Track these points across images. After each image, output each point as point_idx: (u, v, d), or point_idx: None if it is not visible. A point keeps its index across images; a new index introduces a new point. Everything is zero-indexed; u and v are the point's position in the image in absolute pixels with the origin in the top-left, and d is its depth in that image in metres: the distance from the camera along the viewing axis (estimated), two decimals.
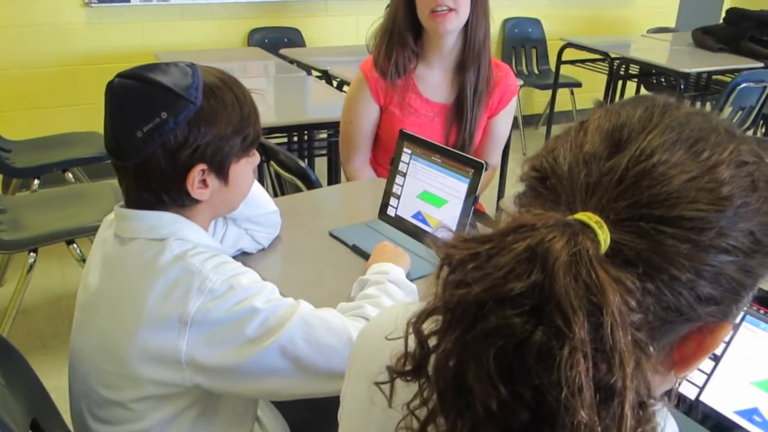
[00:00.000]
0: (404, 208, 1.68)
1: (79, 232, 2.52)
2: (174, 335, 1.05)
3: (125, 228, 1.14)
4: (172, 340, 1.05)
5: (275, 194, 2.34)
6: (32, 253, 2.53)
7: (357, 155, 2.25)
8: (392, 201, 1.71)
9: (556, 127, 4.99)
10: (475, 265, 0.53)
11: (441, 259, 0.56)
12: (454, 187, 1.55)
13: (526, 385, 0.50)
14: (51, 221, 2.59)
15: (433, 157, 1.61)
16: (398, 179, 1.69)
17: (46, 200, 2.82)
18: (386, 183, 1.73)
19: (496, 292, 0.51)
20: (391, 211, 1.72)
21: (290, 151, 2.45)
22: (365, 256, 1.51)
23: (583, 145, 0.60)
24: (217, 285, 1.06)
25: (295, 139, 3.48)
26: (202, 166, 1.10)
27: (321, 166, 3.62)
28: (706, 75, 4.56)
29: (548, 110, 5.09)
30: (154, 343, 1.06)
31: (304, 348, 1.07)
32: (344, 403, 0.82)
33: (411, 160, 1.66)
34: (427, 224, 1.62)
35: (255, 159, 1.22)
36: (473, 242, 0.55)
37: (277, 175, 2.25)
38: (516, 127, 5.07)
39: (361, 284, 1.32)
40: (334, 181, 3.17)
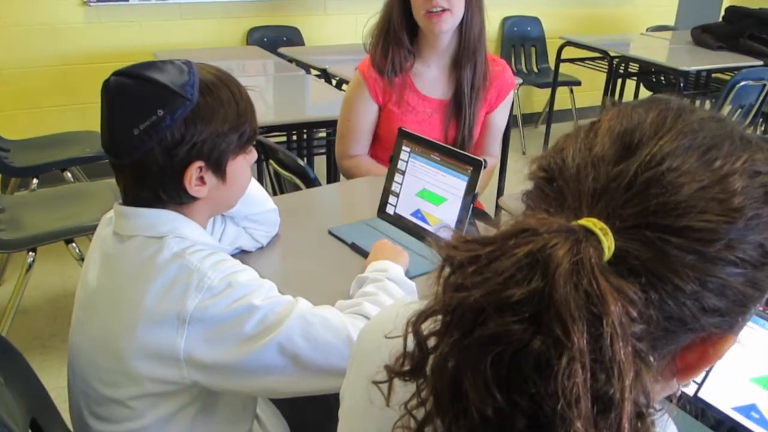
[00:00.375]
0: (403, 206, 1.68)
1: (78, 231, 2.51)
2: (172, 333, 1.05)
3: (124, 226, 1.14)
4: (171, 338, 1.05)
5: (274, 193, 2.34)
6: (31, 253, 2.53)
7: (355, 149, 2.25)
8: (391, 199, 1.71)
9: (555, 126, 4.99)
10: (475, 269, 0.52)
11: (442, 259, 0.55)
12: (453, 185, 1.55)
13: (522, 393, 0.49)
14: (50, 220, 2.59)
15: (432, 155, 1.61)
16: (397, 177, 1.69)
17: (44, 199, 2.82)
18: (385, 181, 1.73)
19: (496, 298, 0.50)
20: (390, 209, 1.71)
21: (289, 150, 2.45)
22: (364, 254, 1.51)
23: (592, 146, 0.59)
24: (216, 282, 1.06)
25: (294, 138, 3.48)
26: (199, 164, 1.10)
27: (320, 164, 3.62)
28: (705, 73, 4.57)
29: (548, 109, 5.09)
30: (153, 340, 1.06)
31: (303, 345, 1.07)
32: (344, 401, 0.81)
33: (410, 158, 1.66)
34: (426, 222, 1.62)
35: (252, 156, 1.22)
36: (475, 244, 0.54)
37: (276, 173, 2.25)
38: (516, 126, 5.07)
39: (360, 282, 1.32)
40: (333, 179, 3.17)
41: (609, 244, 0.52)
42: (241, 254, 1.52)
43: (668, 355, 0.57)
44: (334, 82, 3.62)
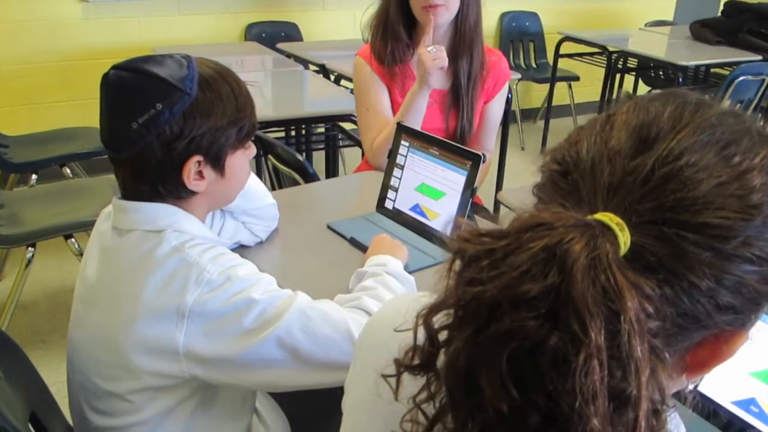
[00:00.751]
0: (402, 201, 1.68)
1: (78, 226, 2.52)
2: (171, 326, 1.05)
3: (123, 220, 1.14)
4: (170, 332, 1.05)
5: (273, 188, 2.34)
6: (30, 248, 2.53)
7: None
8: (390, 194, 1.71)
9: (554, 121, 4.98)
10: (489, 263, 0.51)
11: (453, 252, 0.54)
12: (452, 179, 1.55)
13: (538, 390, 0.48)
14: (49, 216, 2.59)
15: (430, 150, 1.61)
16: (396, 172, 1.69)
17: (43, 195, 2.82)
18: (384, 176, 1.73)
19: (511, 293, 0.49)
20: (389, 204, 1.72)
21: (288, 146, 2.44)
22: (363, 249, 1.51)
23: (608, 140, 0.58)
24: (215, 276, 1.06)
25: (293, 133, 3.48)
26: (197, 158, 1.10)
27: (319, 160, 3.62)
28: (704, 68, 4.57)
29: (546, 104, 5.09)
30: (152, 334, 1.06)
31: (302, 339, 1.07)
32: (349, 393, 0.81)
33: (409, 153, 1.66)
34: (425, 217, 1.62)
35: (251, 151, 1.22)
36: (488, 237, 0.53)
37: (275, 169, 2.25)
38: (514, 121, 5.06)
39: (359, 276, 1.32)
40: (332, 175, 3.17)
41: (625, 239, 0.51)
42: (240, 249, 1.52)
43: (680, 351, 0.57)
44: (332, 77, 3.62)
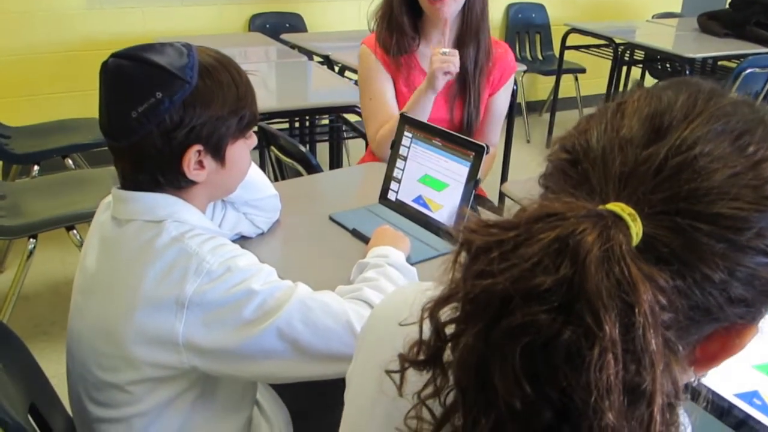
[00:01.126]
0: (405, 192, 1.67)
1: (79, 218, 2.51)
2: (171, 317, 1.04)
3: (122, 210, 1.13)
4: (169, 322, 1.04)
5: (276, 179, 2.33)
6: (32, 239, 2.52)
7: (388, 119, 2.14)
8: (393, 185, 1.70)
9: (560, 114, 4.95)
10: (499, 254, 0.50)
11: (459, 244, 0.53)
12: (455, 170, 1.54)
13: (552, 385, 0.47)
14: (51, 207, 2.58)
15: (433, 141, 1.59)
16: (399, 163, 1.68)
17: (46, 186, 2.81)
18: (387, 167, 1.71)
19: (523, 285, 0.48)
20: (391, 195, 1.70)
21: (292, 137, 2.43)
22: (365, 240, 1.50)
23: (619, 128, 0.56)
24: (215, 267, 1.05)
25: (297, 125, 3.46)
26: (197, 147, 1.09)
27: (323, 152, 3.61)
28: (711, 60, 4.53)
29: (552, 96, 5.06)
30: (151, 324, 1.05)
31: (302, 330, 1.06)
32: (350, 385, 0.80)
33: (411, 144, 1.64)
34: (428, 208, 1.60)
35: (252, 141, 1.21)
36: (496, 228, 0.52)
37: (278, 160, 2.23)
38: (519, 114, 5.04)
39: (361, 268, 1.31)
40: (335, 166, 3.16)
41: (637, 230, 0.50)
42: (241, 240, 1.51)
43: (690, 345, 0.55)
44: (336, 68, 3.60)
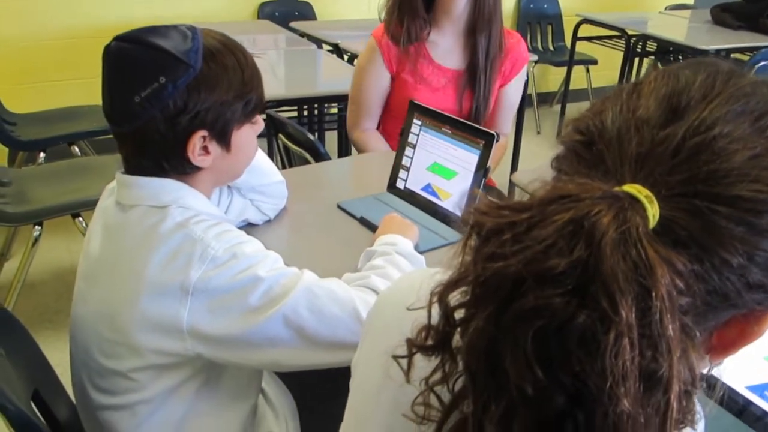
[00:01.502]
0: (414, 181, 1.64)
1: (85, 205, 2.50)
2: (175, 303, 1.02)
3: (126, 195, 1.11)
4: (174, 309, 1.02)
5: (283, 167, 2.31)
6: (37, 227, 2.51)
7: (365, 121, 2.22)
8: (402, 173, 1.67)
9: (570, 105, 4.91)
10: (512, 236, 0.49)
11: (470, 226, 0.52)
12: (465, 159, 1.51)
13: (565, 370, 0.46)
14: (57, 194, 2.57)
15: (443, 129, 1.57)
16: (408, 151, 1.65)
17: (51, 173, 2.80)
18: (395, 155, 1.69)
19: (536, 268, 0.47)
20: (400, 184, 1.68)
21: (300, 126, 2.42)
22: (373, 229, 1.48)
23: (635, 109, 0.55)
24: (220, 253, 1.03)
25: (305, 113, 3.44)
26: (202, 133, 1.07)
27: (331, 141, 3.59)
28: (724, 53, 4.46)
29: (563, 88, 5.01)
30: (155, 311, 1.03)
31: (308, 318, 1.04)
32: (356, 372, 0.78)
33: (421, 132, 1.62)
34: (437, 197, 1.58)
35: (259, 125, 1.18)
36: (508, 210, 0.50)
37: (286, 148, 2.22)
38: (530, 105, 5.00)
39: (368, 255, 1.29)
40: (344, 155, 3.14)
41: (654, 212, 0.49)
42: (247, 227, 1.49)
43: (706, 331, 0.54)
44: (346, 57, 3.58)
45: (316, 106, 3.30)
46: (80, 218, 2.54)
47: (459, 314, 0.53)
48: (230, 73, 1.08)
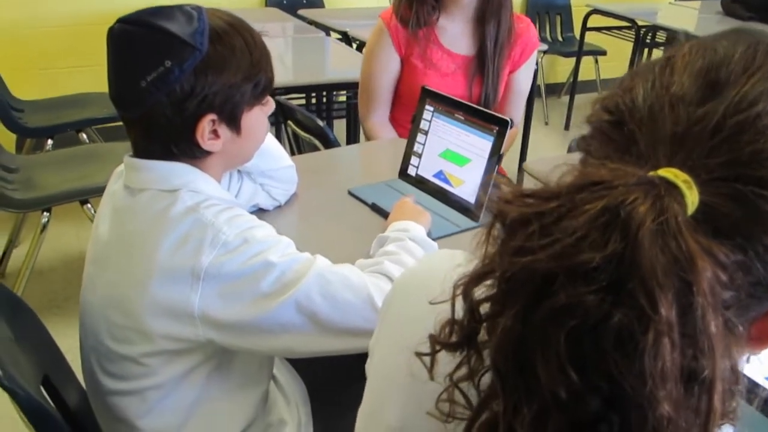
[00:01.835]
0: (425, 168, 1.62)
1: (94, 192, 2.48)
2: (186, 288, 1.01)
3: (135, 179, 1.09)
4: (185, 294, 1.01)
5: (292, 154, 2.30)
6: (45, 213, 2.51)
7: (377, 110, 2.20)
8: (413, 160, 1.65)
9: (579, 97, 4.88)
10: (539, 228, 0.46)
11: (493, 215, 0.49)
12: (478, 145, 1.49)
13: (601, 373, 0.43)
14: (65, 181, 2.56)
15: (456, 115, 1.55)
16: (420, 137, 1.64)
17: (59, 160, 2.79)
18: (407, 141, 1.67)
19: (567, 263, 0.44)
20: (411, 171, 1.66)
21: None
22: (385, 215, 1.46)
23: (669, 85, 0.51)
24: (231, 238, 1.01)
25: (314, 101, 3.42)
26: (211, 116, 1.05)
27: (340, 129, 3.57)
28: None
29: (572, 79, 4.98)
30: (166, 296, 1.02)
31: (321, 304, 1.03)
32: (374, 356, 0.76)
33: (433, 118, 1.60)
34: (449, 184, 1.56)
35: (269, 107, 1.16)
36: (533, 198, 0.47)
37: (295, 134, 2.20)
38: (538, 96, 4.97)
39: (381, 242, 1.28)
40: (352, 143, 3.12)
41: (693, 198, 0.45)
42: (258, 212, 1.48)
43: (746, 322, 0.51)
44: (355, 45, 3.55)
45: (324, 93, 3.28)
46: (89, 205, 2.53)
47: (484, 308, 0.51)
48: (238, 55, 1.05)
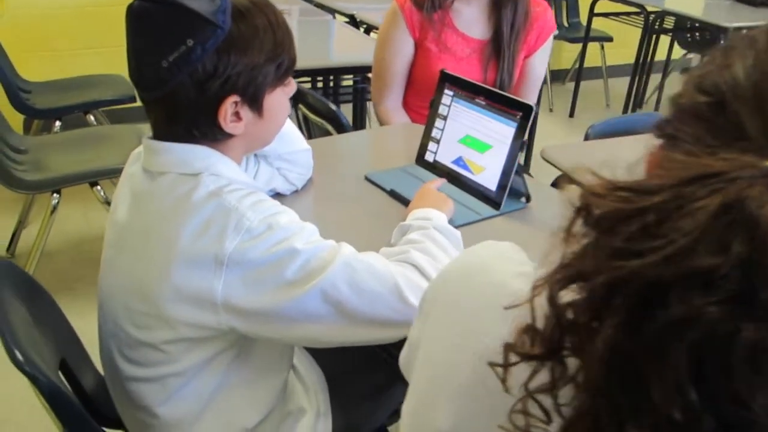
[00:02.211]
0: (444, 153, 1.60)
1: (103, 173, 2.48)
2: (209, 275, 0.99)
3: (154, 162, 1.07)
4: (208, 281, 0.99)
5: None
6: (55, 194, 2.49)
7: (390, 95, 2.17)
8: (431, 146, 1.63)
9: (584, 83, 4.84)
10: (642, 227, 0.41)
11: (575, 209, 0.45)
12: (500, 131, 1.47)
13: (726, 394, 0.39)
14: (74, 162, 2.55)
15: (476, 99, 1.52)
16: (438, 123, 1.61)
17: (68, 142, 2.78)
18: (425, 127, 1.64)
19: (681, 269, 0.39)
20: (429, 156, 1.64)
21: None
22: (404, 202, 1.44)
23: None
24: (255, 224, 0.99)
25: (320, 85, 3.39)
26: (234, 98, 1.03)
27: (346, 113, 3.54)
28: (745, 30, 4.39)
29: (577, 65, 4.93)
30: (188, 283, 1.00)
31: (347, 293, 1.01)
32: (418, 353, 0.69)
33: (452, 103, 1.58)
34: (469, 170, 1.54)
35: (291, 87, 1.14)
36: (632, 192, 0.42)
37: (305, 118, 2.18)
38: (543, 82, 4.92)
39: (403, 230, 1.25)
40: (359, 128, 3.10)
41: None
42: (275, 197, 1.45)
43: None
44: (362, 29, 3.52)
45: (331, 78, 3.25)
46: (98, 187, 2.51)
47: (570, 314, 0.46)
48: (261, 34, 1.03)
